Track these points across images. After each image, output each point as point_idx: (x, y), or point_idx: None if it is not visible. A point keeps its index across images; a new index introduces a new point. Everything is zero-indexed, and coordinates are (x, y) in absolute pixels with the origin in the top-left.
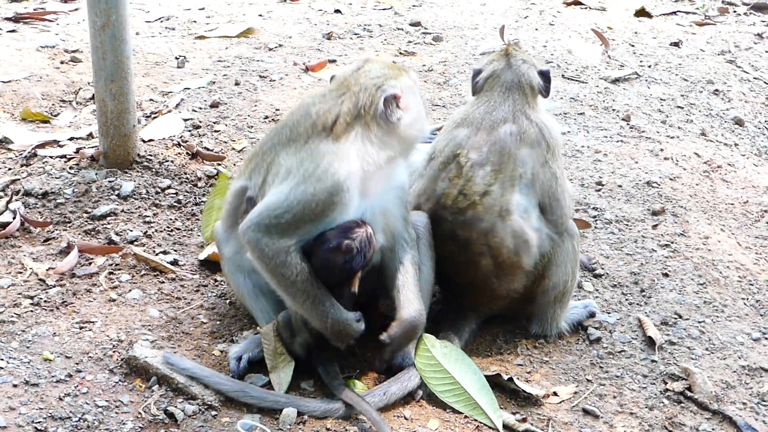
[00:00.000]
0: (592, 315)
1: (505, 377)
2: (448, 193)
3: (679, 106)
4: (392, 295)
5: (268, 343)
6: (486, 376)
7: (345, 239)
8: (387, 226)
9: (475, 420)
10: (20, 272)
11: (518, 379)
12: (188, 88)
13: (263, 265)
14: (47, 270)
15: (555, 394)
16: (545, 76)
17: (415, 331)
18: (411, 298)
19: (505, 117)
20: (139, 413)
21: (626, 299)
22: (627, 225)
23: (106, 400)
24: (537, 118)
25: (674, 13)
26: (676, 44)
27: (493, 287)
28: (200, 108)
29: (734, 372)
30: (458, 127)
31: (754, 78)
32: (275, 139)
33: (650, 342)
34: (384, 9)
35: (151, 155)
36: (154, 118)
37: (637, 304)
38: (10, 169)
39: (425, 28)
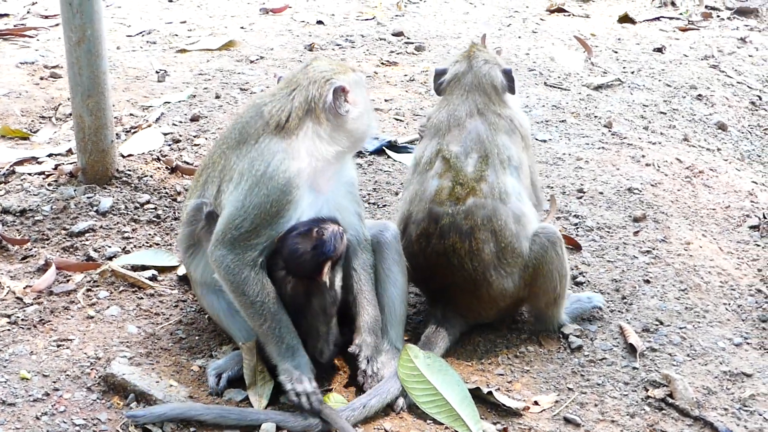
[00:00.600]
0: (595, 308)
1: (486, 390)
2: (441, 188)
3: (661, 112)
4: (349, 299)
5: (249, 359)
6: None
7: (315, 227)
8: (343, 222)
9: (456, 431)
10: None
11: (499, 389)
12: (168, 102)
13: (227, 283)
14: (24, 288)
15: (536, 403)
16: (508, 74)
17: (377, 334)
18: (365, 305)
19: (469, 112)
20: (117, 431)
21: (607, 306)
22: (608, 232)
23: (84, 419)
24: (504, 113)
25: (657, 18)
26: (659, 50)
27: (490, 281)
28: (180, 122)
29: (716, 378)
30: (428, 137)
31: (738, 82)
32: (224, 145)
33: (631, 349)
34: (367, 19)
35: (130, 170)
36: (134, 132)
37: (619, 311)
38: None
39: (408, 38)
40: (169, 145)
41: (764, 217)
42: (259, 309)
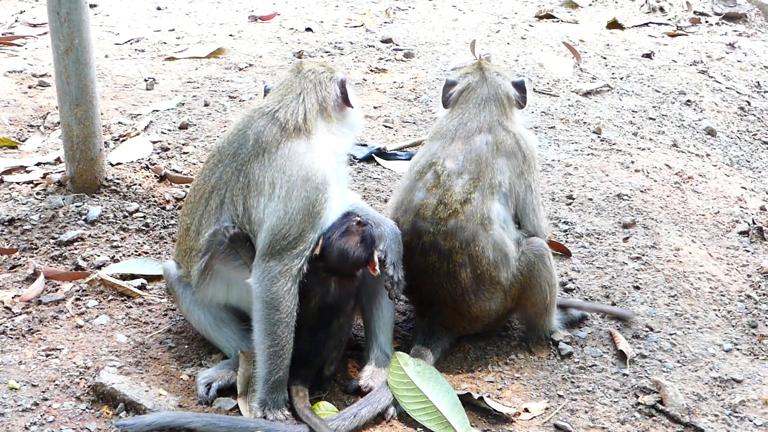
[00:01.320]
0: (584, 318)
1: (476, 396)
2: (426, 203)
3: (651, 118)
4: (365, 320)
5: (245, 368)
6: (457, 395)
7: (350, 222)
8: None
9: None
10: None
11: (489, 396)
12: (157, 110)
13: (268, 295)
14: (13, 298)
15: (526, 410)
16: (520, 86)
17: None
18: (382, 343)
19: (480, 127)
20: None
21: (598, 313)
22: (598, 238)
23: (73, 428)
24: (514, 129)
25: (646, 24)
26: (648, 55)
27: (469, 303)
28: (169, 130)
29: (706, 384)
30: (432, 140)
31: (727, 88)
32: (234, 162)
33: (621, 356)
34: (355, 26)
35: (118, 179)
36: (123, 141)
37: (609, 317)
38: None
39: (396, 45)
40: (158, 153)
41: (753, 223)
42: (281, 330)
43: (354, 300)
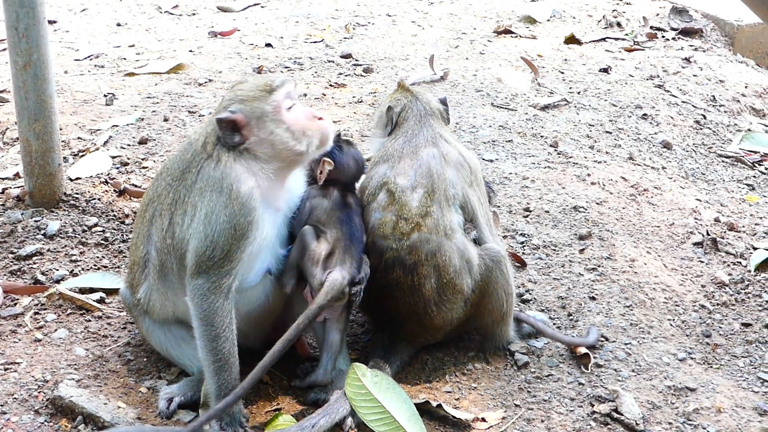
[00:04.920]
0: (539, 332)
1: (434, 404)
2: (384, 222)
3: (607, 131)
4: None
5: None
6: (415, 404)
7: (336, 140)
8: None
9: None
10: None
11: (447, 405)
12: (116, 126)
13: (200, 311)
14: None
15: (483, 419)
16: (444, 103)
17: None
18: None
19: (425, 141)
20: None
21: (554, 323)
22: (554, 250)
23: None
24: (452, 141)
25: (603, 39)
26: (605, 70)
27: (431, 316)
28: (128, 145)
29: (660, 392)
30: (377, 164)
31: (683, 102)
32: (170, 177)
33: (577, 364)
34: (315, 42)
35: (78, 193)
36: (82, 156)
37: (565, 327)
38: None
39: (356, 60)
40: (117, 168)
41: (708, 234)
42: (220, 346)
43: None
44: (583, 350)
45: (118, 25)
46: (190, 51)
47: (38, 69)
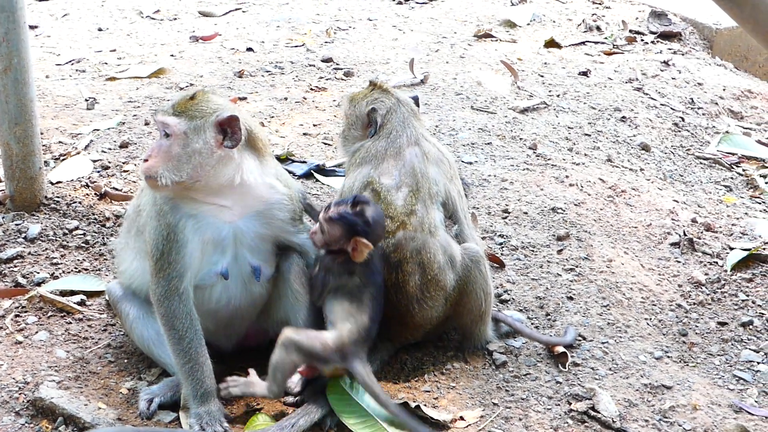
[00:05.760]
0: (517, 332)
1: (413, 404)
2: None
3: (586, 134)
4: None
5: None
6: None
7: (347, 203)
8: (269, 248)
9: None
10: None
11: (426, 405)
12: (98, 130)
13: (160, 315)
14: None
15: (462, 418)
16: (417, 101)
17: None
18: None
19: (408, 141)
20: None
21: (532, 323)
22: (532, 251)
23: None
24: (431, 139)
25: (583, 43)
26: (584, 73)
27: (413, 313)
28: (110, 149)
29: (637, 390)
30: (360, 165)
31: (661, 104)
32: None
33: (555, 363)
34: (296, 46)
35: (58, 197)
36: (63, 160)
37: (543, 327)
38: None
39: (337, 64)
40: (98, 171)
41: (684, 235)
42: (186, 347)
43: None
44: (560, 349)
45: (100, 29)
46: (172, 55)
47: (19, 73)
